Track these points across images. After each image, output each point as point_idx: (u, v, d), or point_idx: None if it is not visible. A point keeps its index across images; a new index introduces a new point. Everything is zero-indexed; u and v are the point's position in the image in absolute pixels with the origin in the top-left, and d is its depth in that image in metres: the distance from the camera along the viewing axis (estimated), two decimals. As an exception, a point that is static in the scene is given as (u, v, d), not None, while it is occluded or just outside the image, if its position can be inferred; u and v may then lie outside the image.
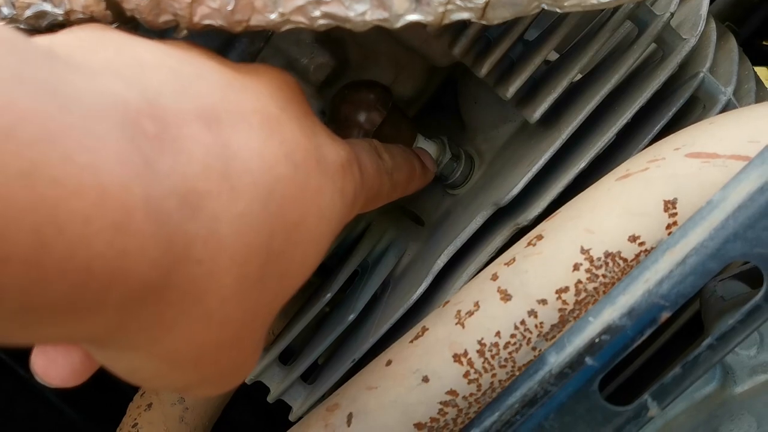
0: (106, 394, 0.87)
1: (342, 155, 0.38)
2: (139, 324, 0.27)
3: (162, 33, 0.43)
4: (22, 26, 0.41)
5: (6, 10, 0.41)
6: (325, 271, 0.63)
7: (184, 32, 0.40)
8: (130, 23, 0.41)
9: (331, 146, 0.37)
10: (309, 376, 0.64)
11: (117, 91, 0.27)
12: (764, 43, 0.91)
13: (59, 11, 0.40)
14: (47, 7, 0.41)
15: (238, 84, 0.34)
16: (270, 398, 0.62)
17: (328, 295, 0.58)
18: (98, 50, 0.30)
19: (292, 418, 0.61)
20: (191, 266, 0.28)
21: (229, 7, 0.39)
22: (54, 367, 0.33)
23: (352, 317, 0.58)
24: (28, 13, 0.41)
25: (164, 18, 0.40)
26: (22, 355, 0.34)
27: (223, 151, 0.30)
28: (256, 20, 0.40)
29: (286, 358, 0.63)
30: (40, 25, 0.41)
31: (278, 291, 0.33)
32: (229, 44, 0.56)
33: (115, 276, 0.24)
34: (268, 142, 0.32)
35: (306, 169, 0.34)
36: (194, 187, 0.28)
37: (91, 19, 0.40)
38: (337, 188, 0.36)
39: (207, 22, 0.40)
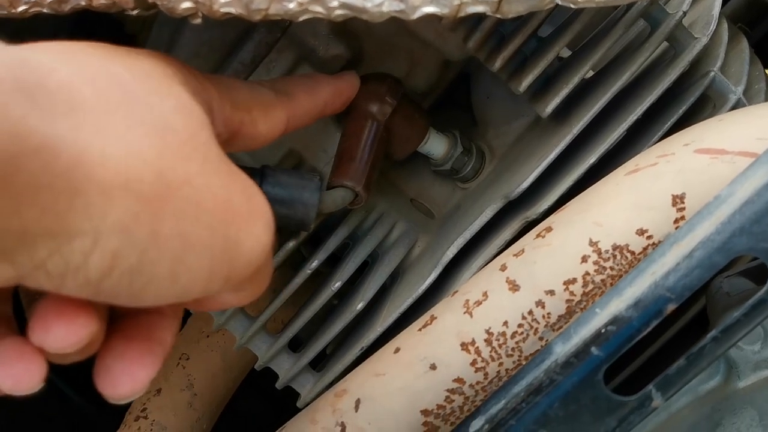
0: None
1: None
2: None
3: (181, 21, 0.43)
4: (45, 10, 0.42)
5: (30, -5, 0.41)
6: (335, 260, 0.63)
7: (199, 20, 0.41)
8: (151, 10, 0.42)
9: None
10: (317, 366, 0.65)
11: None
12: (776, 46, 0.91)
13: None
14: (71, -8, 0.41)
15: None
16: (278, 384, 0.63)
17: (338, 284, 0.59)
18: None
19: (300, 404, 0.62)
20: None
21: (249, -4, 0.40)
22: None
23: (361, 306, 0.58)
24: (50, -2, 0.41)
25: (185, 5, 0.40)
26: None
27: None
28: (275, 9, 0.40)
29: (295, 347, 0.64)
30: (63, 10, 0.42)
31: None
32: (247, 34, 0.57)
33: None
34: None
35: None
36: None
37: (113, 5, 0.41)
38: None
39: (227, 10, 0.40)
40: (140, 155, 0.32)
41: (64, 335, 0.32)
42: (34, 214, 0.28)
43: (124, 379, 0.35)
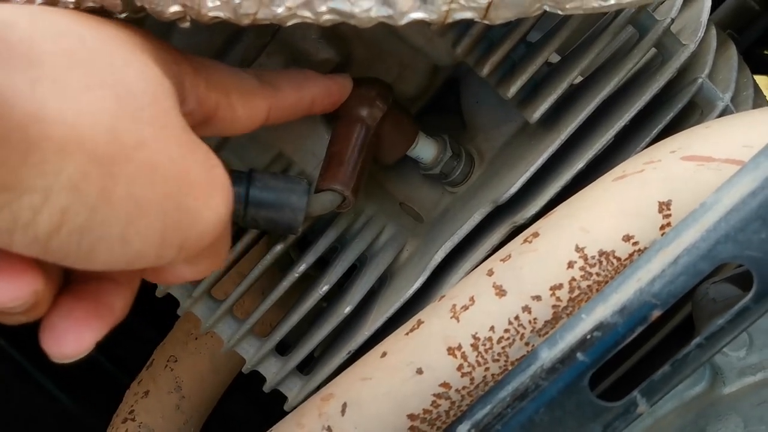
0: (102, 381, 0.88)
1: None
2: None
3: (169, 25, 0.43)
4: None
5: (19, -2, 0.41)
6: (324, 263, 0.63)
7: (187, 24, 0.41)
8: (139, 13, 0.42)
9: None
10: (304, 369, 0.65)
11: None
12: (765, 52, 0.92)
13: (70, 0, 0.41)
14: (59, -5, 0.41)
15: None
16: (266, 388, 0.63)
17: (326, 287, 0.59)
18: None
19: (287, 408, 0.62)
20: None
21: (237, 0, 0.40)
22: None
23: (348, 309, 0.58)
24: (39, 0, 0.41)
25: (173, 9, 0.40)
26: (19, 340, 0.34)
27: None
28: (263, 14, 0.40)
29: (283, 350, 0.64)
30: (51, 13, 0.42)
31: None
32: (236, 37, 0.57)
33: None
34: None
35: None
36: None
37: (101, 9, 0.41)
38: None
39: (215, 14, 0.40)
40: (96, 114, 0.32)
41: (5, 291, 0.32)
42: None
43: (69, 337, 0.35)
